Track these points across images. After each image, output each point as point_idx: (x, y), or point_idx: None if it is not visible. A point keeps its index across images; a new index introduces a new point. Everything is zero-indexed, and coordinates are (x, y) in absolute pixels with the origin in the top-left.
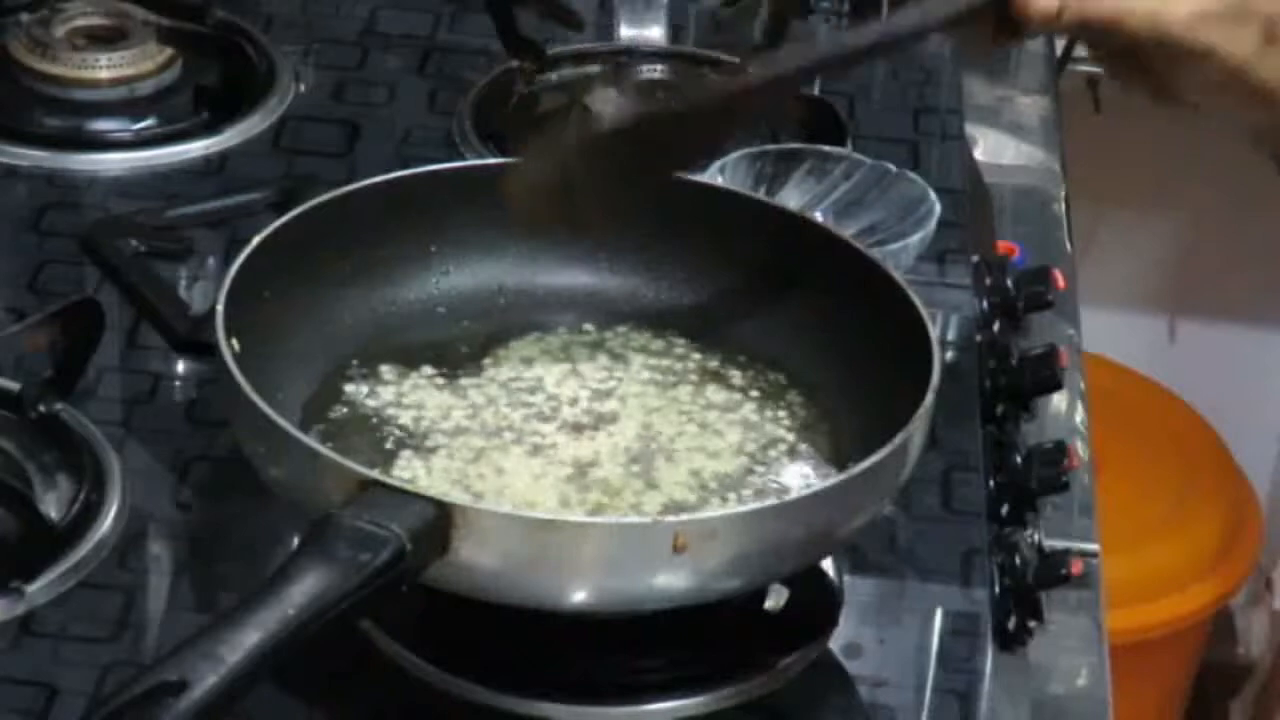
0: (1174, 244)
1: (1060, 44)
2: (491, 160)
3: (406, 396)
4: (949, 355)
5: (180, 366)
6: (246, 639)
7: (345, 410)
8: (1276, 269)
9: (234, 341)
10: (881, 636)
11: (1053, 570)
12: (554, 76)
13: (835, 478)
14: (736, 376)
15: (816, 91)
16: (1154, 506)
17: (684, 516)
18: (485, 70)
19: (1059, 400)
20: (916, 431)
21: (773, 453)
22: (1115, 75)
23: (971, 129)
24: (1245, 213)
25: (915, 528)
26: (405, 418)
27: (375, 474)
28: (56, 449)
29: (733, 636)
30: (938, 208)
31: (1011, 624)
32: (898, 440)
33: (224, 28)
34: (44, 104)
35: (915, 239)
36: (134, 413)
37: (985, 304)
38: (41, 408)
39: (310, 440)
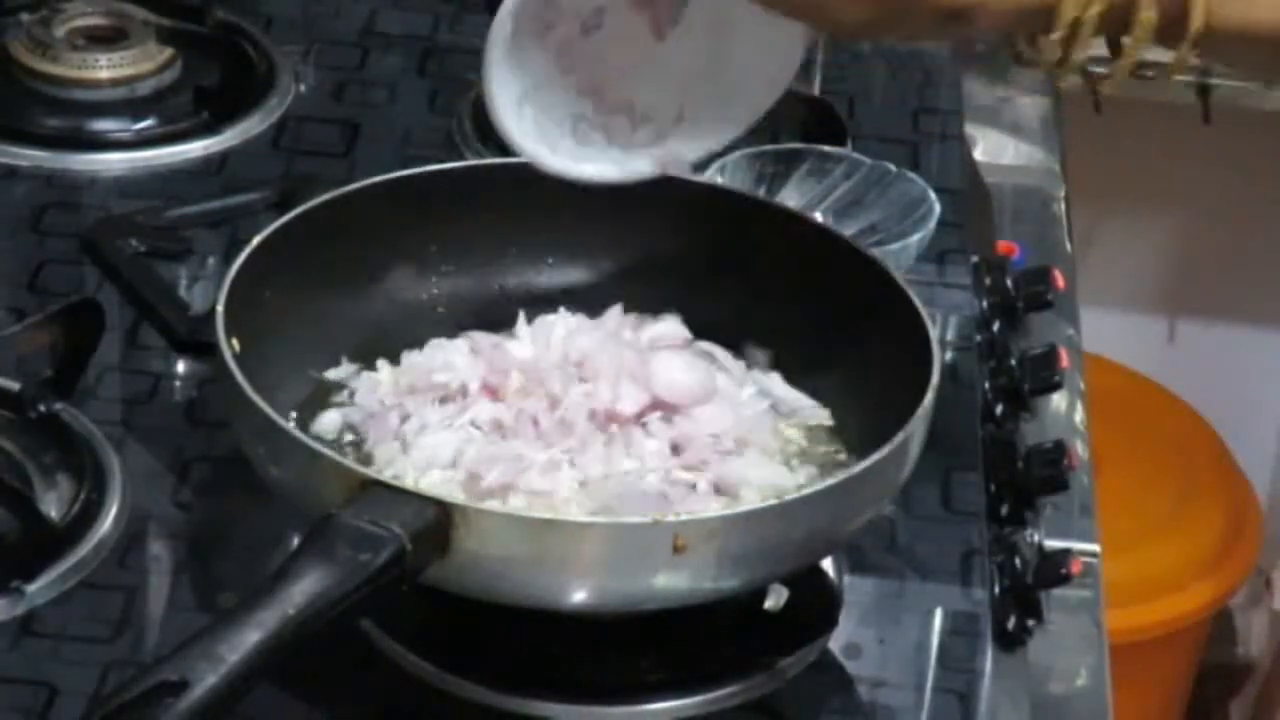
0: (1174, 244)
1: None
2: (491, 160)
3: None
4: (949, 355)
5: (180, 366)
6: (246, 639)
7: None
8: (1276, 269)
9: (234, 341)
10: (881, 636)
11: (1053, 570)
12: None
13: (835, 478)
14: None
15: (816, 91)
16: (1154, 506)
17: (684, 516)
18: None
19: (1059, 400)
20: (916, 431)
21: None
22: None
23: (971, 129)
24: (1245, 213)
25: (915, 528)
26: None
27: (375, 474)
28: (56, 449)
29: (733, 636)
30: (937, 208)
31: (1011, 624)
32: (898, 440)
33: (224, 28)
34: (44, 104)
35: (915, 239)
36: (134, 413)
37: (985, 304)
38: (41, 408)
39: (310, 440)
